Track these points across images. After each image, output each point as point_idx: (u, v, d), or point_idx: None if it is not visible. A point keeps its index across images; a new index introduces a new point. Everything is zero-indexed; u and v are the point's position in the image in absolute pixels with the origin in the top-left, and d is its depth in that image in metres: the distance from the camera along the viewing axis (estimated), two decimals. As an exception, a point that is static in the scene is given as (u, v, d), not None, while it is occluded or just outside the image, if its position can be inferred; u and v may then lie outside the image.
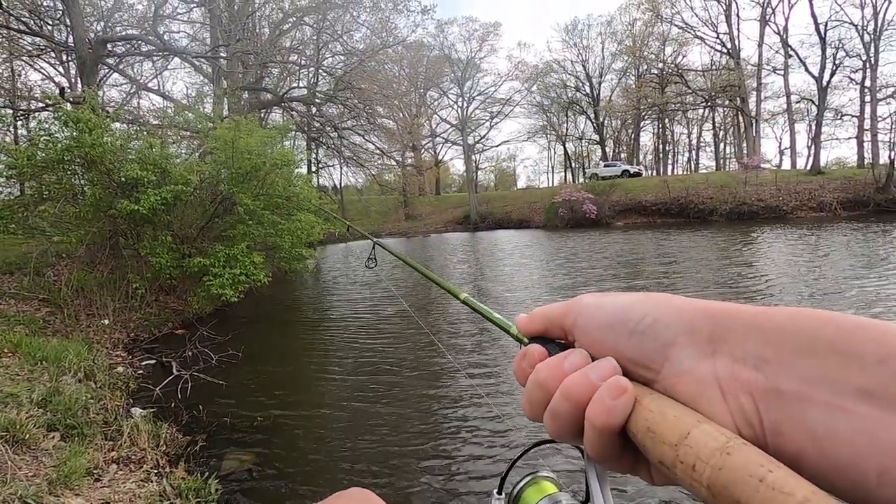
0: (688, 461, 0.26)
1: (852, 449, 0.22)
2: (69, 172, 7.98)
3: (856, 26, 28.31)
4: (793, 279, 9.55)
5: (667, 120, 44.92)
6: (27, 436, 3.25)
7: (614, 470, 0.33)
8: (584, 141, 50.00)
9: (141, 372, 5.97)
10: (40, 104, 12.97)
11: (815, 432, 0.24)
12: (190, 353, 6.30)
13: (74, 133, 7.30)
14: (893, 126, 27.43)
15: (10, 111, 12.98)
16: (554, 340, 0.39)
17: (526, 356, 0.38)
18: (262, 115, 19.76)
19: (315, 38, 20.20)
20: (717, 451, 0.25)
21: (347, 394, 5.20)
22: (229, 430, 4.38)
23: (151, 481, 3.27)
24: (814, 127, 30.66)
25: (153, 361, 6.33)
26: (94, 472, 3.20)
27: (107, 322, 7.22)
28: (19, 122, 14.00)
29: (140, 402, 5.01)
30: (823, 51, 29.24)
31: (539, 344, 0.38)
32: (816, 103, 30.22)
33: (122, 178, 7.76)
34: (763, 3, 32.32)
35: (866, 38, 27.90)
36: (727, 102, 36.81)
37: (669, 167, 48.05)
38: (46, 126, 7.91)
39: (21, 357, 4.91)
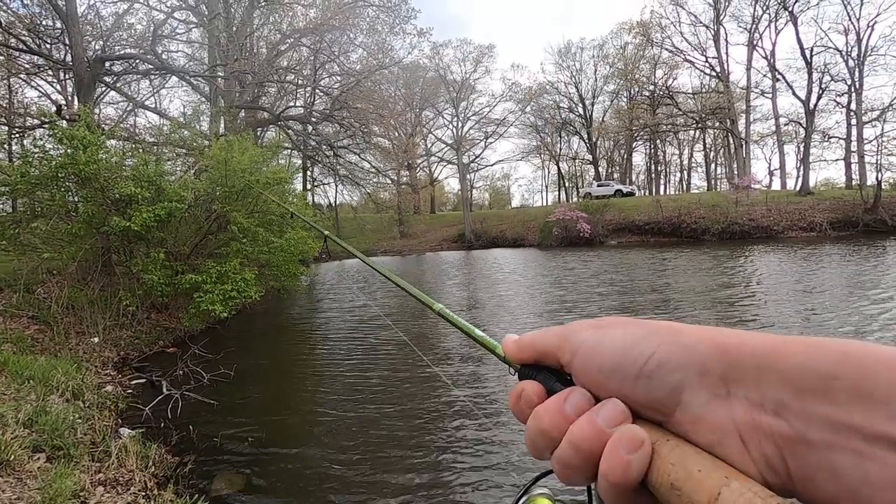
0: None
1: (888, 497, 0.21)
2: (63, 189, 7.97)
3: (840, 52, 29.10)
4: (788, 300, 9.61)
5: (658, 141, 45.60)
6: (12, 457, 3.18)
7: None
8: (577, 161, 50.60)
9: (130, 391, 5.88)
10: (36, 121, 12.99)
11: (847, 481, 0.22)
12: (181, 372, 6.22)
13: (69, 150, 7.31)
14: (880, 148, 28.00)
15: (6, 128, 13.00)
16: (548, 368, 0.36)
17: (522, 397, 0.35)
18: (259, 133, 19.89)
19: (312, 58, 20.47)
20: None
21: (339, 414, 5.13)
22: (220, 451, 4.31)
23: (138, 504, 3.20)
24: (802, 149, 31.20)
25: (143, 380, 6.24)
26: (80, 494, 3.12)
27: (96, 340, 7.13)
28: (14, 140, 14.01)
29: (129, 422, 4.92)
30: (810, 75, 29.95)
31: (533, 378, 0.36)
32: (804, 126, 30.80)
33: (117, 195, 7.75)
34: (750, 29, 33.19)
35: (851, 63, 28.67)
36: (717, 124, 37.47)
37: (662, 187, 48.60)
38: (41, 143, 7.92)
39: (7, 376, 4.82)
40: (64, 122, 9.86)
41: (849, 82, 29.02)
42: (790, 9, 30.15)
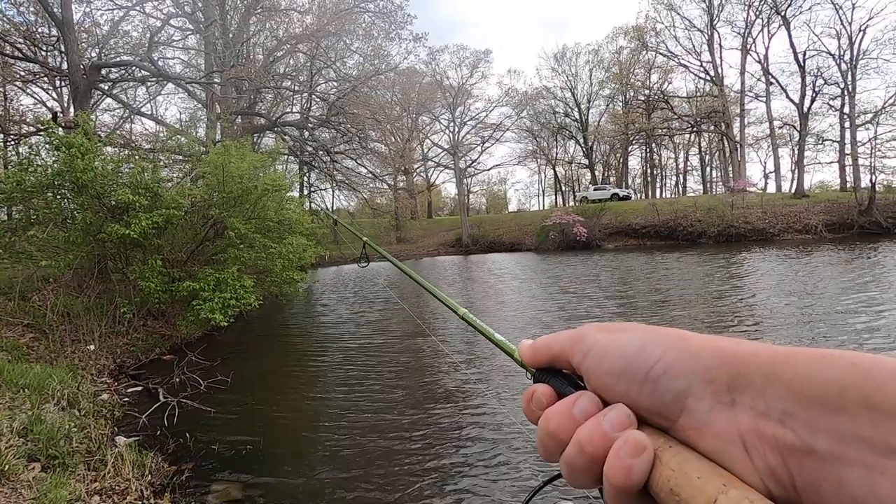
0: None
1: None
2: (59, 196, 7.94)
3: (833, 56, 29.39)
4: (786, 302, 9.63)
5: (654, 144, 45.83)
6: (6, 467, 3.15)
7: None
8: (573, 165, 50.77)
9: (127, 399, 5.84)
10: (31, 129, 12.97)
11: (855, 493, 0.22)
12: (177, 380, 6.18)
13: (66, 157, 7.29)
14: (873, 151, 28.18)
15: (1, 135, 12.98)
16: (561, 372, 0.37)
17: (533, 399, 0.36)
18: (256, 139, 19.89)
19: (308, 64, 20.55)
20: None
21: (337, 422, 5.11)
22: (217, 459, 4.28)
23: (135, 513, 3.17)
24: (796, 151, 31.43)
25: (139, 388, 6.19)
26: (76, 504, 3.09)
27: (92, 348, 7.08)
28: (9, 147, 13.97)
29: (125, 430, 4.88)
30: (803, 79, 30.21)
31: (546, 382, 0.37)
32: (798, 129, 31.05)
33: (113, 202, 7.72)
34: (743, 34, 33.48)
35: (843, 66, 28.92)
36: (712, 128, 37.71)
37: (658, 190, 48.83)
38: (37, 150, 7.90)
39: (2, 385, 4.78)
40: (60, 129, 9.84)
41: (842, 85, 29.30)
42: (783, 13, 30.45)
